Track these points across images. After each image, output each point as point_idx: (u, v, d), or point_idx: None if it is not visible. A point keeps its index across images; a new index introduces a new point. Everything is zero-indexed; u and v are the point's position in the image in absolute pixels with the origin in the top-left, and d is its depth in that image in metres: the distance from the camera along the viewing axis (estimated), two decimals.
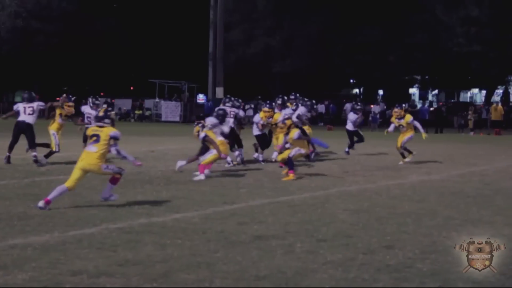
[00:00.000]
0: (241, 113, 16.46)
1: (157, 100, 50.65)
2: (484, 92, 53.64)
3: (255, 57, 48.93)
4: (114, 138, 9.30)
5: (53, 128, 15.42)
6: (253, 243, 7.01)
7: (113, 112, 9.78)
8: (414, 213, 9.04)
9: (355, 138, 18.49)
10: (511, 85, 53.39)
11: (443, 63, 46.76)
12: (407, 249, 6.76)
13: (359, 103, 19.22)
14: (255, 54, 48.92)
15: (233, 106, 16.14)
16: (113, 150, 9.39)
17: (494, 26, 44.08)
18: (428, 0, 46.06)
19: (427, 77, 53.67)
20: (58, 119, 15.49)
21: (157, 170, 14.23)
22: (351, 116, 18.59)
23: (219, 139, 13.17)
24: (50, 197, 8.97)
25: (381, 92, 58.49)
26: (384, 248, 6.83)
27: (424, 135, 16.57)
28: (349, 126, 18.45)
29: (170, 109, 47.78)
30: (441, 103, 47.33)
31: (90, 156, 9.16)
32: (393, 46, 48.33)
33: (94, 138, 9.24)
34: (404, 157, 16.17)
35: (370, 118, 41.15)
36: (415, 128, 16.62)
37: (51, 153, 15.24)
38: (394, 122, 16.52)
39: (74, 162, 9.75)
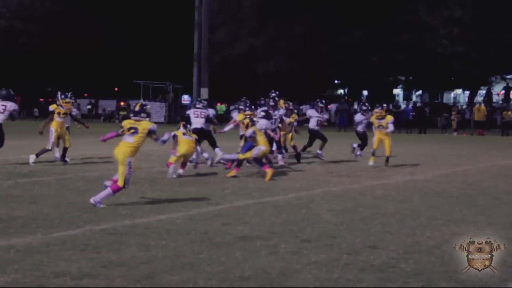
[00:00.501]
0: (211, 113, 16.39)
1: (141, 101, 50.50)
2: (467, 92, 53.94)
3: (239, 58, 48.98)
4: (152, 132, 9.51)
5: (53, 125, 15.39)
6: (238, 244, 7.00)
7: (148, 106, 10.08)
8: (398, 213, 9.08)
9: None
10: (494, 85, 53.73)
11: (426, 63, 47.01)
12: (390, 249, 6.77)
13: (366, 103, 18.51)
14: (240, 54, 48.96)
15: (203, 107, 16.15)
16: (159, 142, 9.78)
17: (477, 27, 44.38)
18: (411, 1, 46.29)
19: (411, 77, 53.90)
20: (56, 118, 15.40)
21: (141, 171, 14.16)
22: (358, 117, 17.86)
23: (185, 138, 13.28)
24: (103, 197, 9.23)
25: (365, 92, 58.67)
26: (368, 248, 6.85)
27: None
28: (360, 128, 17.60)
29: (155, 110, 47.58)
30: (421, 104, 47.57)
31: (124, 145, 9.39)
32: (377, 47, 48.55)
33: (132, 130, 9.43)
34: (374, 155, 15.77)
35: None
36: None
37: (46, 151, 15.19)
38: (374, 122, 16.13)
39: (59, 164, 9.70)
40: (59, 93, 15.90)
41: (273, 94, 17.18)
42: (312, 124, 17.28)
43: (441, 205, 9.87)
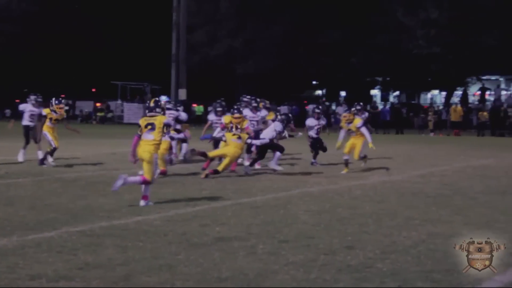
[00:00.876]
0: (182, 115, 16.40)
1: (119, 102, 50.27)
2: (444, 93, 54.32)
3: (218, 59, 48.95)
4: (167, 125, 9.89)
5: (45, 129, 15.33)
6: (215, 245, 6.99)
7: (163, 102, 10.45)
8: (375, 213, 9.12)
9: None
10: (470, 86, 54.19)
11: (403, 64, 47.31)
12: (367, 249, 6.80)
13: (319, 107, 18.40)
14: (218, 55, 48.94)
15: (172, 108, 16.24)
16: (167, 137, 10.09)
17: (453, 29, 44.77)
18: (389, 3, 46.56)
19: (388, 78, 54.21)
20: (47, 122, 15.31)
21: (119, 172, 14.11)
22: (310, 122, 17.55)
23: (234, 141, 13.75)
24: (146, 193, 9.52)
25: (343, 93, 58.91)
26: (345, 248, 6.87)
27: (370, 144, 14.82)
28: (312, 133, 17.31)
29: (133, 111, 47.47)
30: (398, 105, 47.82)
31: (147, 144, 9.61)
32: (355, 48, 48.78)
33: (149, 127, 9.67)
34: (347, 166, 15.05)
35: (333, 120, 41.42)
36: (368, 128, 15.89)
37: (54, 150, 15.29)
38: (344, 127, 15.51)
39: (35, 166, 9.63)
40: (53, 98, 15.72)
41: (245, 99, 17.29)
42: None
43: (417, 205, 9.94)
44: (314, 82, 60.05)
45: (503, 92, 52.10)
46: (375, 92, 58.67)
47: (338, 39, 48.41)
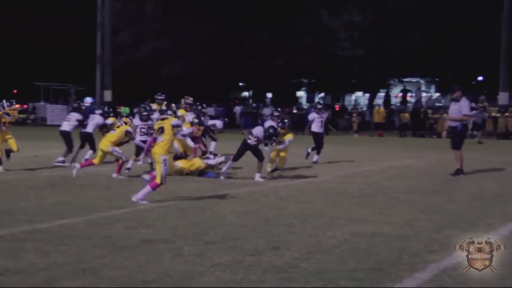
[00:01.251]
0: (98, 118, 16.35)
1: (42, 103, 49.12)
2: (367, 95, 55.45)
3: (144, 60, 48.48)
4: (176, 126, 10.40)
5: None
6: (141, 248, 6.92)
7: (173, 105, 11.47)
8: (300, 214, 9.21)
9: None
10: (392, 88, 55.48)
11: (328, 67, 48.03)
12: (293, 250, 6.87)
13: (321, 102, 18.81)
14: (144, 57, 48.47)
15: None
16: (179, 136, 10.66)
17: (376, 32, 45.77)
18: (313, 6, 47.18)
19: (313, 80, 54.92)
20: (1, 126, 14.56)
21: (41, 175, 13.82)
22: (311, 116, 17.89)
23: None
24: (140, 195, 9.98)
25: (269, 95, 59.30)
26: (271, 249, 6.92)
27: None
28: (314, 128, 17.69)
29: (56, 113, 46.42)
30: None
31: (157, 145, 10.18)
32: (280, 50, 49.19)
33: (160, 130, 10.24)
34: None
35: (259, 121, 41.61)
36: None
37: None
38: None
39: None
40: (4, 100, 14.91)
41: (160, 97, 17.35)
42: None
43: (342, 205, 10.10)
44: (240, 84, 60.24)
45: (424, 94, 53.62)
46: (301, 94, 59.36)
47: (264, 41, 48.72)
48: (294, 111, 43.87)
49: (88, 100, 50.48)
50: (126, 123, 14.44)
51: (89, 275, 5.81)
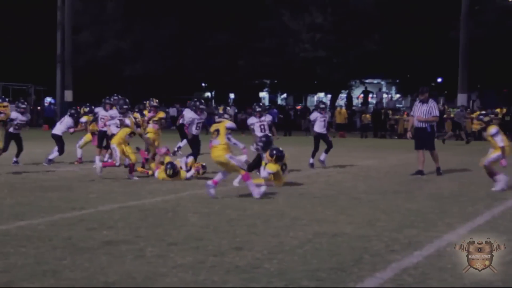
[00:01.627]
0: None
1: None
2: (329, 96, 55.81)
3: (105, 60, 48.08)
4: (231, 129, 10.83)
5: None
6: (102, 249, 6.86)
7: (229, 108, 11.58)
8: (263, 214, 9.22)
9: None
10: (353, 89, 55.94)
11: (290, 68, 48.21)
12: (255, 250, 6.87)
13: (323, 101, 18.26)
14: (105, 56, 48.07)
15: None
16: (231, 143, 10.93)
17: (337, 33, 46.11)
18: (276, 7, 47.32)
19: (276, 81, 55.07)
20: None
21: (0, 176, 13.60)
22: (313, 116, 17.29)
23: None
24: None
25: (232, 95, 59.30)
26: (234, 249, 6.92)
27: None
28: (317, 128, 17.18)
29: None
30: (287, 107, 48.70)
31: (216, 149, 10.65)
32: (243, 50, 49.22)
33: (216, 133, 10.70)
34: None
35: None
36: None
37: None
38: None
39: None
40: None
41: (122, 101, 17.14)
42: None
43: (304, 205, 10.14)
44: (203, 84, 60.11)
45: (384, 95, 54.21)
46: (263, 95, 59.45)
47: (225, 41, 48.70)
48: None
49: (47, 100, 49.93)
50: (136, 118, 14.19)
51: (50, 277, 5.74)
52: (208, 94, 62.38)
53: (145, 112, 16.38)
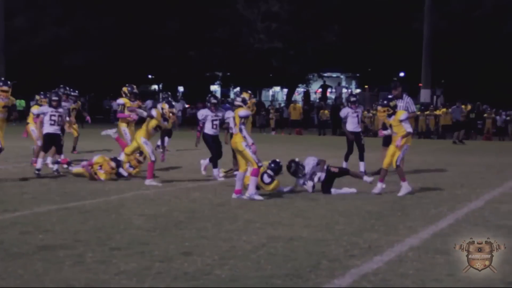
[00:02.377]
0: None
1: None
2: (285, 90, 56.09)
3: (43, 48, 47.33)
4: (243, 117, 11.19)
5: None
6: (38, 254, 6.76)
7: (243, 95, 11.97)
8: (214, 217, 9.22)
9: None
10: (311, 83, 56.26)
11: (244, 59, 48.23)
12: (206, 255, 6.86)
13: (354, 94, 16.93)
14: (43, 45, 47.32)
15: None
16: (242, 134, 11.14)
17: (294, 23, 46.28)
18: None
19: (228, 74, 55.04)
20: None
21: None
22: (344, 112, 16.19)
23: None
24: (239, 187, 11.08)
25: (181, 88, 59.03)
26: (182, 255, 6.89)
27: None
28: (349, 127, 15.90)
29: None
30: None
31: (235, 136, 11.17)
32: (193, 40, 49.01)
33: (233, 120, 11.25)
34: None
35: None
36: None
37: None
38: None
39: None
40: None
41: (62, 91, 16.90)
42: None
43: (258, 207, 10.15)
44: (150, 76, 59.71)
45: (344, 90, 54.64)
46: (215, 88, 59.39)
47: (175, 31, 48.43)
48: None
49: None
50: (163, 109, 13.43)
51: None
52: (155, 86, 62.01)
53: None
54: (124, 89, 15.52)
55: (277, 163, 12.26)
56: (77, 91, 17.13)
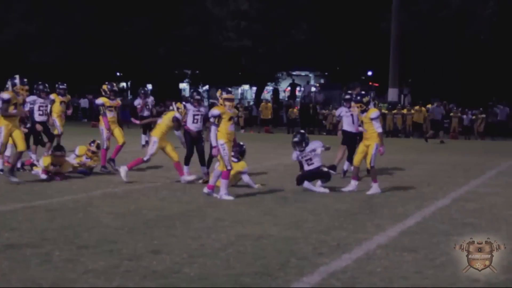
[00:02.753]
0: None
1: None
2: (254, 88, 56.07)
3: (8, 45, 46.73)
4: (213, 116, 11.17)
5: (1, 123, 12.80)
6: (4, 253, 6.68)
7: (221, 92, 12.02)
8: (183, 215, 9.20)
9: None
10: (280, 82, 56.36)
11: (213, 57, 48.14)
12: (175, 254, 6.84)
13: (348, 91, 15.47)
14: (8, 41, 46.73)
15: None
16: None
17: (263, 21, 46.32)
18: None
19: (197, 71, 54.88)
20: (11, 110, 12.41)
21: None
22: (338, 111, 15.49)
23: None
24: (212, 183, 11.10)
25: (150, 86, 58.69)
26: (151, 253, 6.86)
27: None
28: (346, 126, 14.97)
29: None
30: (209, 101, 48.66)
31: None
32: (162, 38, 48.78)
33: (232, 120, 11.35)
34: None
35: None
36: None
37: None
38: None
39: None
40: (17, 77, 13.00)
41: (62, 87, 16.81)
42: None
43: (227, 205, 10.15)
44: (118, 74, 59.31)
45: (313, 89, 54.80)
46: (184, 86, 59.18)
47: (143, 28, 48.14)
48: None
49: None
50: (178, 108, 13.33)
51: None
52: (123, 84, 61.61)
53: (54, 95, 16.23)
54: (104, 87, 15.12)
55: (240, 146, 12.87)
56: (65, 84, 16.83)
